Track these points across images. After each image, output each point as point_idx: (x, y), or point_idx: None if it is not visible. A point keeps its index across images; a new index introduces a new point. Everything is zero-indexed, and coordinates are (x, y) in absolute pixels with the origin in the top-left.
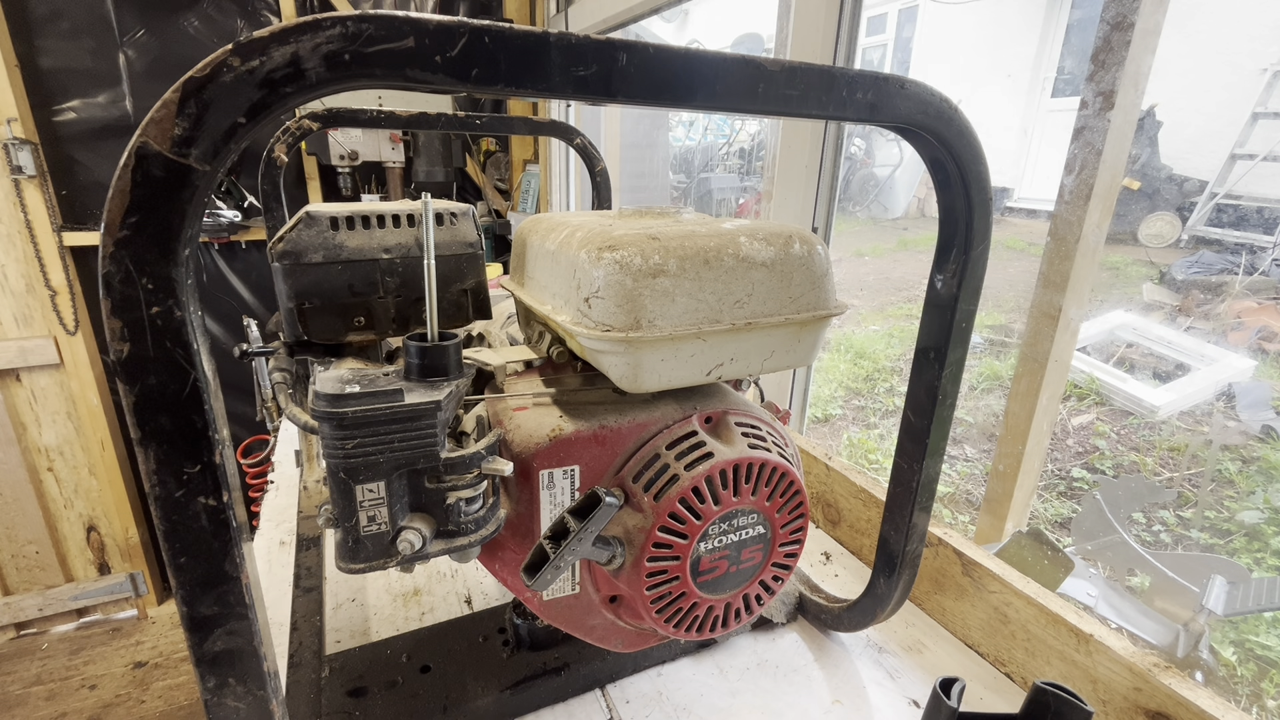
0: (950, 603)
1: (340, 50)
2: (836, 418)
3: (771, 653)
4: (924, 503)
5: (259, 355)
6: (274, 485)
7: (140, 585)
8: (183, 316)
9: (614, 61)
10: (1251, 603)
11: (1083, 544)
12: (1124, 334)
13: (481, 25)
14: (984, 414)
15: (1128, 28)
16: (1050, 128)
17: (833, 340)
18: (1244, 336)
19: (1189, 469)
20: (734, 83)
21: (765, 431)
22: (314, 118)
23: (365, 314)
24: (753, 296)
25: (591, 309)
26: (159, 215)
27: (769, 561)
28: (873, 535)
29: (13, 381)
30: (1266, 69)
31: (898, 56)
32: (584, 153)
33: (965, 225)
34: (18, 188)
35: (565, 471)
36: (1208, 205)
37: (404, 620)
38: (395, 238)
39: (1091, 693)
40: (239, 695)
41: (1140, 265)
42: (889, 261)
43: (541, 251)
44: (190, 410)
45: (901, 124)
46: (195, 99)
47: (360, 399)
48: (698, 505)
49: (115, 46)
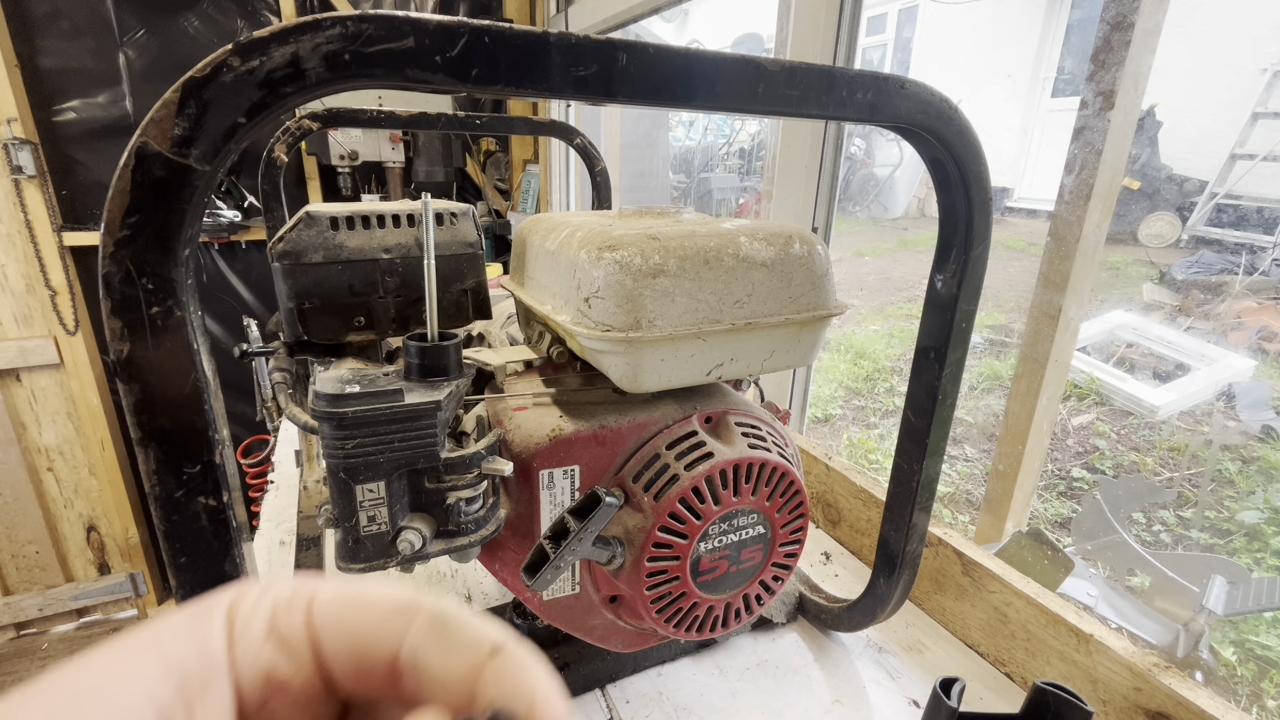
0: (950, 603)
1: (340, 50)
2: (836, 418)
3: (771, 653)
4: (924, 503)
5: (259, 355)
6: (274, 485)
7: (140, 585)
8: (183, 316)
9: (614, 61)
10: (1251, 603)
11: (1083, 544)
12: (1124, 334)
13: (481, 25)
14: (984, 414)
15: (1128, 28)
16: (1050, 128)
17: (833, 340)
18: (1244, 336)
19: (1189, 469)
20: (734, 83)
21: (765, 431)
22: (314, 118)
23: (365, 314)
24: (753, 296)
25: (591, 309)
26: (159, 215)
27: (769, 561)
28: (873, 535)
29: (13, 381)
30: (1266, 69)
31: (898, 56)
32: (584, 153)
33: (965, 225)
34: (18, 188)
35: (565, 471)
36: (1208, 205)
37: None
38: (395, 238)
39: (1091, 693)
40: None
41: (1140, 265)
42: (889, 261)
43: (541, 251)
44: (190, 410)
45: (901, 124)
46: (195, 99)
47: (360, 399)
48: (698, 505)
49: (115, 46)
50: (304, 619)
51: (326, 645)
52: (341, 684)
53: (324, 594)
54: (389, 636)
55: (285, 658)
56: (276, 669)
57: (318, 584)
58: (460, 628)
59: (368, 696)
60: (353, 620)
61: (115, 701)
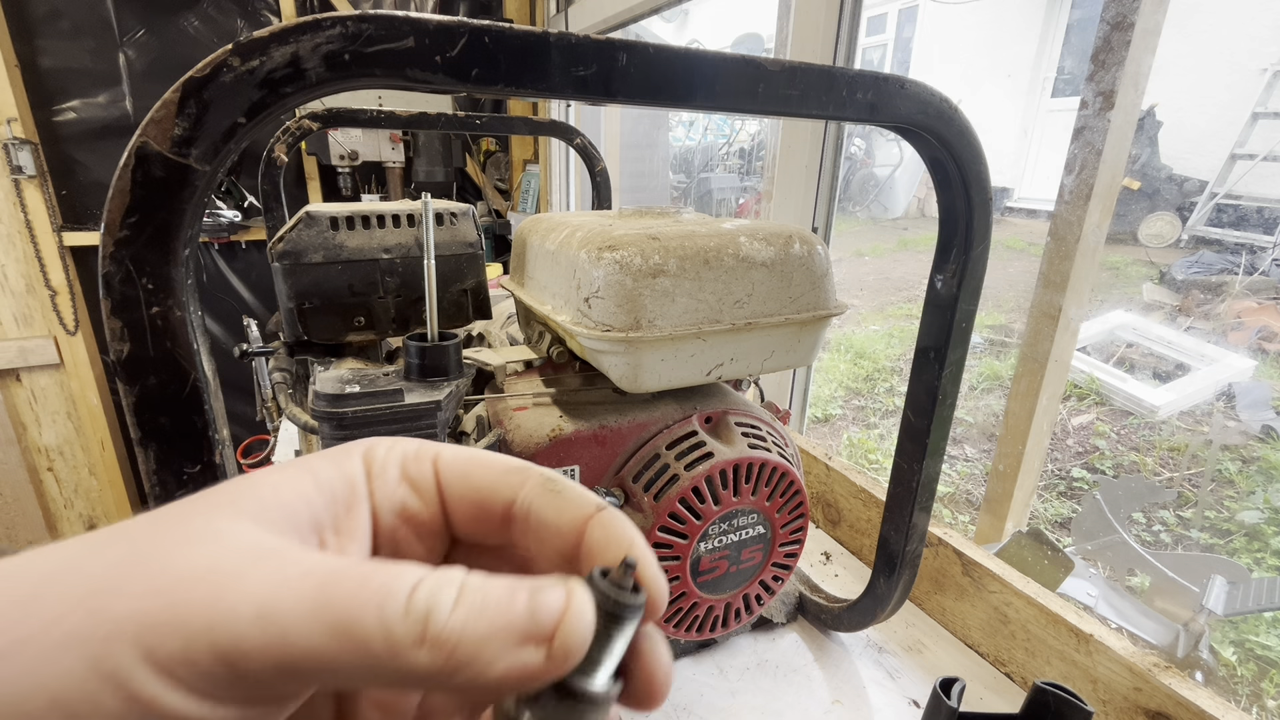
0: (950, 603)
1: (340, 50)
2: (836, 418)
3: (771, 653)
4: (924, 503)
5: (259, 355)
6: None
7: None
8: (183, 316)
9: (614, 61)
10: (1251, 603)
11: (1083, 544)
12: (1124, 334)
13: (481, 25)
14: (984, 414)
15: (1128, 28)
16: (1050, 128)
17: (833, 340)
18: (1244, 336)
19: (1189, 469)
20: (734, 83)
21: (765, 431)
22: (314, 118)
23: (365, 314)
24: (753, 296)
25: (591, 309)
26: (159, 215)
27: (769, 561)
28: (873, 535)
29: (13, 381)
30: (1266, 69)
31: (898, 56)
32: (584, 153)
33: (965, 225)
34: (18, 188)
35: (565, 471)
36: (1208, 205)
37: None
38: (395, 238)
39: (1091, 693)
40: None
41: (1140, 265)
42: (889, 261)
43: (541, 251)
44: (190, 410)
45: (901, 124)
46: (195, 99)
47: (360, 399)
48: (698, 505)
49: (115, 46)
50: (431, 468)
51: (450, 492)
52: (459, 526)
53: (448, 452)
54: (506, 489)
55: (416, 498)
56: (408, 505)
57: (440, 445)
58: (569, 487)
59: (478, 539)
60: (475, 474)
61: (282, 500)
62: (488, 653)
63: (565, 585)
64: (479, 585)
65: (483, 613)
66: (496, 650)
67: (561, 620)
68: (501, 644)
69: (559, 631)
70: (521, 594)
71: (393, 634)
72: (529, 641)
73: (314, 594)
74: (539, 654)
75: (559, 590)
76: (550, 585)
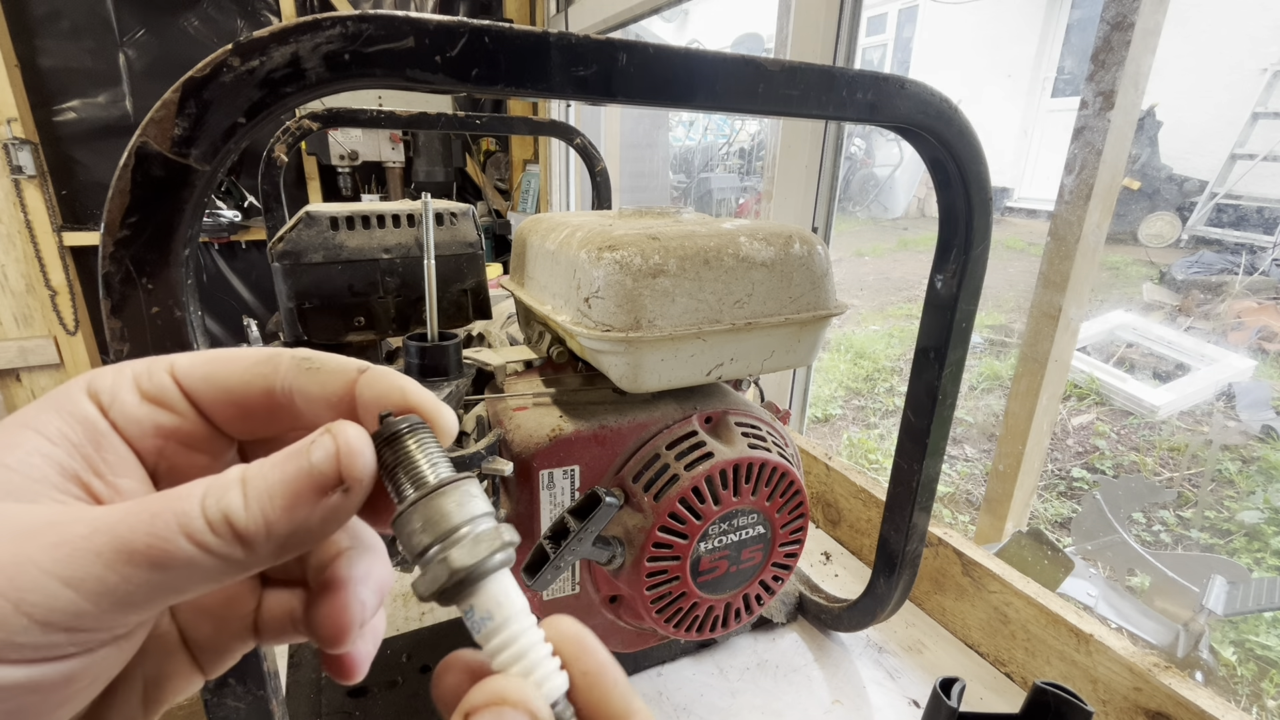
0: (950, 603)
1: (340, 50)
2: (836, 418)
3: (771, 653)
4: (924, 503)
5: None
6: None
7: None
8: (183, 316)
9: (614, 61)
10: (1251, 603)
11: (1083, 544)
12: (1124, 334)
13: (481, 25)
14: (984, 414)
15: (1128, 28)
16: (1050, 128)
17: (833, 340)
18: (1244, 336)
19: (1189, 469)
20: (734, 83)
21: (765, 431)
22: (314, 118)
23: (365, 314)
24: (753, 296)
25: (591, 309)
26: (159, 215)
27: (769, 561)
28: (873, 535)
29: (13, 381)
30: (1266, 69)
31: (898, 56)
32: (584, 153)
33: (965, 225)
34: (18, 188)
35: (565, 471)
36: (1208, 205)
37: (404, 620)
38: (395, 238)
39: (1091, 693)
40: (239, 695)
41: (1140, 265)
42: (889, 261)
43: (541, 251)
44: None
45: (901, 124)
46: (195, 99)
47: None
48: (698, 505)
49: (115, 46)
50: (170, 380)
51: (199, 397)
52: (227, 426)
53: (183, 360)
54: (258, 380)
55: (166, 413)
56: (162, 422)
57: (174, 355)
58: (326, 360)
59: (256, 434)
60: (218, 373)
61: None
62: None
63: (329, 430)
64: (257, 471)
65: (272, 494)
66: (304, 512)
67: (339, 458)
68: (305, 505)
69: (343, 468)
70: (297, 457)
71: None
72: (325, 489)
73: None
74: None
75: (325, 436)
76: (317, 435)
